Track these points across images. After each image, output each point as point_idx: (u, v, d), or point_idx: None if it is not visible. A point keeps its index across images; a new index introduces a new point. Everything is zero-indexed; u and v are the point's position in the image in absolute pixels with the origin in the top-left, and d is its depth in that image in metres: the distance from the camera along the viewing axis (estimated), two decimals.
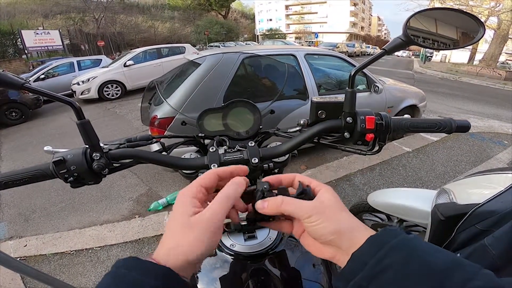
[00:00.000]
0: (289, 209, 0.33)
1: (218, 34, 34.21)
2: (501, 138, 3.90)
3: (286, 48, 3.35)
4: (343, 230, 0.30)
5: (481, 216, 0.74)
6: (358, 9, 57.77)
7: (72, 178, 0.49)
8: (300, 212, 0.32)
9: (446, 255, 0.26)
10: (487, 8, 15.27)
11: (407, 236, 0.28)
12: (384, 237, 0.28)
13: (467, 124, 0.55)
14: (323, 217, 0.31)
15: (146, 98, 1.23)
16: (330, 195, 0.33)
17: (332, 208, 0.32)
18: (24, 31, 17.09)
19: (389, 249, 0.26)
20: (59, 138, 4.98)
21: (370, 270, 0.26)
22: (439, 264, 0.25)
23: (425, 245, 0.27)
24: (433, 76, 13.15)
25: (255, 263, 0.61)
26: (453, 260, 0.25)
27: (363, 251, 0.28)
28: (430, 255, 0.26)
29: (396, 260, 0.25)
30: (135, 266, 0.27)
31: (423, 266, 0.25)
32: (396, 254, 0.26)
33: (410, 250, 0.26)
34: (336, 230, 0.30)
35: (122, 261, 0.28)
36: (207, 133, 0.65)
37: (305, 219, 0.32)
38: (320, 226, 0.31)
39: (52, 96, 0.46)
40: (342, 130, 0.54)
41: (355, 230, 0.30)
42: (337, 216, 0.31)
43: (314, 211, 0.32)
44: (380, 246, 0.27)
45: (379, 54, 0.49)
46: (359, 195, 2.60)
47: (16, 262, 0.69)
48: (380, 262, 0.26)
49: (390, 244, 0.27)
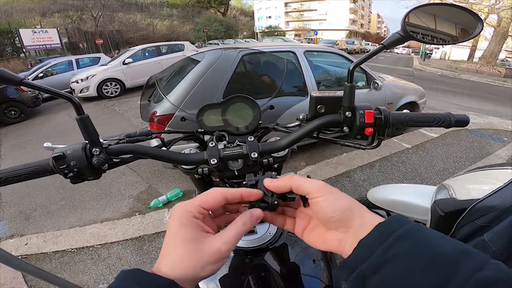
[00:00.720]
0: (299, 182, 0.33)
1: (217, 31, 34.07)
2: (500, 134, 3.91)
3: (285, 45, 3.34)
4: (355, 207, 0.31)
5: (481, 212, 0.74)
6: (358, 6, 57.56)
7: (72, 173, 0.49)
8: (309, 186, 0.32)
9: (454, 244, 0.25)
10: (487, 6, 15.23)
11: (415, 224, 0.27)
12: (392, 226, 0.27)
13: (466, 118, 0.55)
14: (332, 192, 0.32)
15: (145, 95, 1.22)
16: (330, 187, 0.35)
17: (337, 190, 0.33)
18: (22, 30, 17.02)
19: (397, 238, 0.26)
20: (58, 136, 4.98)
21: (377, 259, 0.26)
22: (447, 253, 0.24)
23: (433, 234, 0.26)
24: (433, 73, 13.13)
25: (255, 258, 0.61)
26: (461, 249, 0.25)
27: (371, 238, 0.28)
28: (438, 244, 0.25)
29: (403, 250, 0.25)
30: (138, 279, 0.27)
31: (431, 256, 0.24)
32: (404, 243, 0.25)
33: (418, 239, 0.26)
34: (348, 204, 0.31)
35: (125, 273, 0.28)
36: (206, 129, 0.65)
37: (315, 193, 0.32)
38: (331, 201, 0.31)
39: (51, 92, 0.46)
40: (341, 125, 0.54)
41: (363, 210, 0.31)
42: (345, 195, 0.32)
43: (323, 185, 0.32)
44: (388, 235, 0.26)
45: (378, 49, 0.49)
46: (359, 191, 2.60)
47: (17, 261, 0.69)
48: (387, 251, 0.25)
49: (398, 232, 0.26)
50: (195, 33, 32.89)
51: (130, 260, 1.96)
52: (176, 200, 2.59)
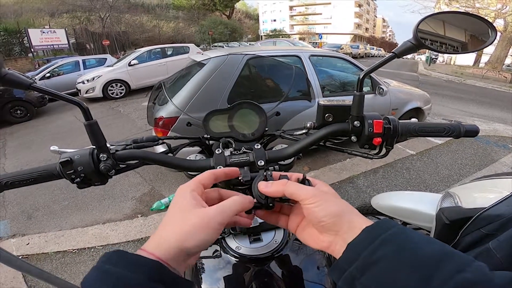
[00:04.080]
0: (292, 190, 0.34)
1: (222, 34, 34.26)
2: (506, 141, 3.87)
3: (290, 49, 3.34)
4: (344, 212, 0.32)
5: (487, 220, 0.73)
6: (363, 10, 57.60)
7: (79, 179, 0.49)
8: (302, 193, 0.33)
9: (437, 246, 0.26)
10: (493, 11, 15.14)
11: (400, 228, 0.28)
12: (378, 229, 0.29)
13: (475, 128, 0.54)
14: (324, 199, 0.33)
15: (152, 98, 1.23)
16: (328, 188, 0.36)
17: (331, 195, 0.34)
18: (30, 30, 17.21)
19: (382, 241, 0.27)
20: (64, 137, 5.01)
21: (363, 261, 0.27)
22: (429, 255, 0.25)
23: (417, 236, 0.27)
24: (438, 78, 13.06)
25: (260, 266, 0.61)
26: (443, 251, 0.25)
27: (358, 242, 0.29)
28: (421, 247, 0.26)
29: (388, 252, 0.26)
30: (120, 261, 0.26)
31: (413, 257, 0.25)
32: (388, 246, 0.27)
33: (401, 242, 0.27)
34: (337, 210, 0.32)
35: (107, 255, 0.27)
36: (212, 135, 0.65)
37: (308, 200, 0.33)
38: (322, 207, 0.32)
39: (59, 96, 0.46)
40: (349, 134, 0.53)
41: (354, 214, 0.32)
42: (337, 200, 0.33)
43: (316, 192, 0.33)
44: (374, 238, 0.28)
45: (389, 57, 0.48)
46: (362, 197, 2.58)
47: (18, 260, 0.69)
48: (373, 253, 0.27)
49: (383, 236, 0.27)
50: (200, 35, 33.09)
51: None
52: None
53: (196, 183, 0.35)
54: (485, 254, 0.63)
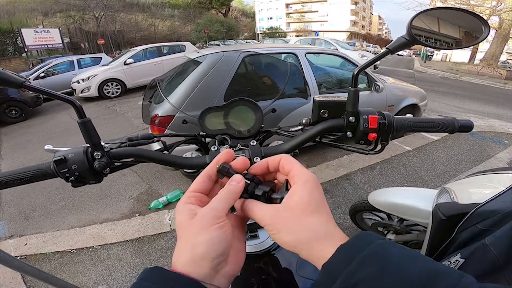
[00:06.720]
0: (251, 215, 0.32)
1: (218, 32, 34.17)
2: (501, 137, 3.90)
3: (287, 46, 3.34)
4: (301, 242, 0.28)
5: (482, 216, 0.74)
6: (359, 7, 57.64)
7: (73, 177, 0.48)
8: (261, 219, 0.31)
9: (423, 264, 0.24)
10: (488, 8, 15.22)
11: (380, 243, 0.25)
12: (355, 247, 0.25)
13: (470, 124, 0.55)
14: (280, 226, 0.29)
15: (147, 96, 1.22)
16: (303, 193, 0.30)
17: (296, 213, 0.29)
18: (24, 30, 17.05)
19: (361, 261, 0.24)
20: (59, 136, 4.97)
21: (341, 285, 0.24)
22: (415, 276, 0.22)
23: (400, 252, 0.25)
24: (434, 75, 13.12)
25: (257, 262, 0.61)
26: (430, 270, 0.23)
27: (332, 263, 0.26)
28: (405, 266, 0.23)
29: (369, 274, 0.23)
30: (159, 279, 0.26)
31: (398, 279, 0.22)
32: (368, 268, 0.23)
33: (384, 261, 0.24)
34: (293, 241, 0.28)
35: (147, 272, 0.27)
36: (208, 132, 0.65)
37: (265, 227, 0.31)
38: (276, 236, 0.30)
39: (52, 95, 0.45)
40: (344, 129, 0.54)
41: (314, 241, 0.28)
42: (299, 223, 0.29)
43: (274, 219, 0.30)
44: (352, 258, 0.24)
45: (383, 53, 0.48)
46: (360, 194, 2.59)
47: (16, 261, 0.69)
48: (352, 276, 0.23)
49: (361, 255, 0.24)
50: (196, 33, 32.98)
51: (129, 261, 1.95)
52: (176, 201, 2.58)
53: (187, 195, 0.34)
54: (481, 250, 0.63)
